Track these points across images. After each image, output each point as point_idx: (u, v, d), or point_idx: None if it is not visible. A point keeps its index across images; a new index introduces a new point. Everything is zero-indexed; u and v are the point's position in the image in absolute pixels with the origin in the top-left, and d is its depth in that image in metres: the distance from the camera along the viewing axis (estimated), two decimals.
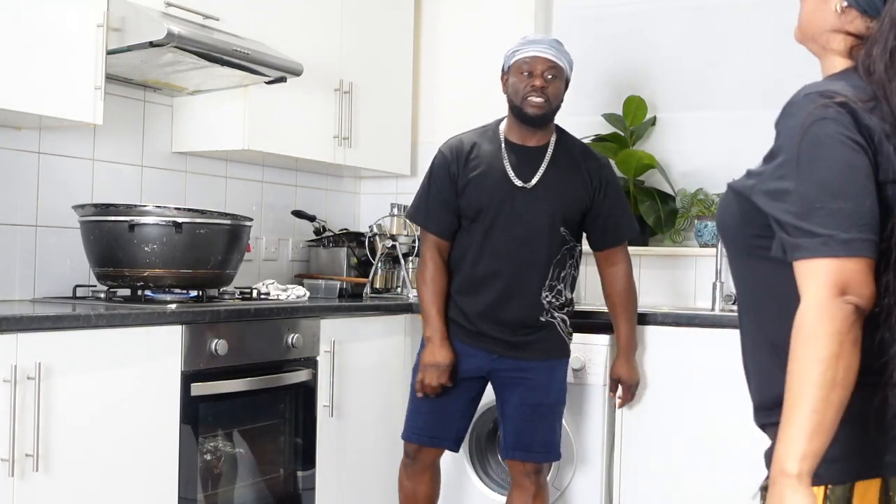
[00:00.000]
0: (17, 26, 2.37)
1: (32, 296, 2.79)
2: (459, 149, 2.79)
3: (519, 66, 2.70)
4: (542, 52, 2.69)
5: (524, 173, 2.73)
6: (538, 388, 2.75)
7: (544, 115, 2.71)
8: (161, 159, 3.23)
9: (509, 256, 2.72)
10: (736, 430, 2.96)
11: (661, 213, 3.71)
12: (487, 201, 2.72)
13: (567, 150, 2.80)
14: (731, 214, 1.42)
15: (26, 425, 2.08)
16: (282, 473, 2.90)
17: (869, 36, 1.38)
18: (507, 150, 2.76)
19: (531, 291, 2.73)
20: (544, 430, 2.76)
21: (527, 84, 2.68)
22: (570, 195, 2.74)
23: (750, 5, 3.68)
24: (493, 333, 2.75)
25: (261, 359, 2.76)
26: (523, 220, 2.71)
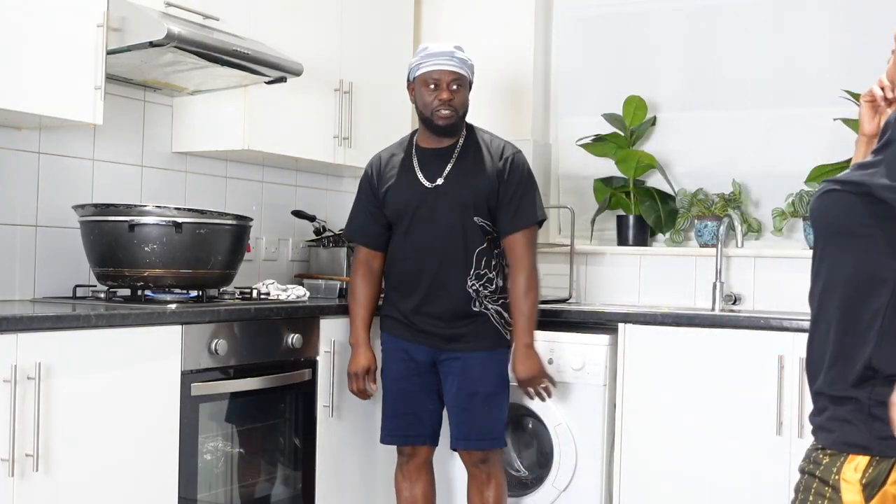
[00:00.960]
0: (18, 26, 2.37)
1: (32, 296, 2.79)
2: (378, 163, 2.98)
3: (425, 80, 2.84)
4: (445, 65, 2.82)
5: (432, 174, 2.88)
6: (474, 377, 2.83)
7: (454, 124, 2.86)
8: (161, 159, 3.23)
9: (430, 252, 2.84)
10: (736, 430, 2.96)
11: (661, 213, 3.71)
12: (403, 205, 2.87)
13: (474, 146, 2.91)
14: (834, 204, 1.50)
15: (26, 425, 2.08)
16: (282, 473, 2.90)
17: None
18: (418, 155, 2.92)
19: (457, 282, 2.83)
20: (483, 419, 2.84)
21: (434, 97, 2.82)
22: (477, 186, 2.84)
23: (750, 5, 3.68)
24: (428, 328, 2.86)
25: (261, 359, 2.76)
26: (437, 217, 2.84)
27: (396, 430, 2.93)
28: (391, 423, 2.94)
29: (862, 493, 1.42)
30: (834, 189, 1.51)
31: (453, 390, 2.85)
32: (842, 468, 1.45)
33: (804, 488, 1.52)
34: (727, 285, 3.56)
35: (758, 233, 3.64)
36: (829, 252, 1.53)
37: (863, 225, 1.46)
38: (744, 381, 2.95)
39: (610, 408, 3.15)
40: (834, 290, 1.51)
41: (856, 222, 1.47)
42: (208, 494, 2.63)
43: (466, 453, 2.91)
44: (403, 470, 2.97)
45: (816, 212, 1.56)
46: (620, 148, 3.75)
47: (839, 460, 1.46)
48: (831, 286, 1.52)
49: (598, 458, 3.13)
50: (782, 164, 3.64)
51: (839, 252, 1.51)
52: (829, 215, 1.52)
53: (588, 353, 3.14)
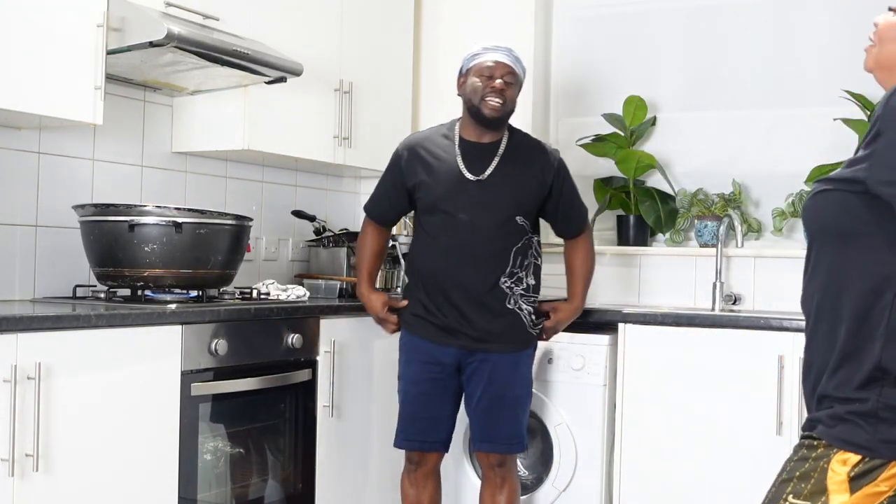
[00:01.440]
0: (18, 26, 2.37)
1: (32, 296, 2.79)
2: (413, 148, 2.93)
3: (479, 69, 2.83)
4: (503, 57, 2.82)
5: (476, 168, 2.85)
6: (501, 380, 2.81)
7: (500, 116, 2.84)
8: (161, 159, 3.23)
9: (466, 246, 2.80)
10: (736, 430, 2.96)
11: (661, 213, 3.71)
12: (442, 194, 2.84)
13: (519, 146, 2.92)
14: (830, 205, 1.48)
15: (26, 425, 2.08)
16: (282, 473, 2.90)
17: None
18: (461, 146, 2.88)
19: (492, 279, 2.80)
20: (508, 422, 2.82)
21: (486, 86, 2.80)
22: (522, 187, 2.84)
23: (750, 6, 3.68)
24: (457, 325, 2.80)
25: (261, 359, 2.76)
26: (478, 212, 2.81)
27: (413, 435, 2.87)
28: (408, 427, 2.87)
29: (848, 483, 1.43)
30: (827, 189, 1.50)
31: (478, 392, 2.81)
32: (832, 459, 1.46)
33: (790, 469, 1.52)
34: (727, 285, 3.56)
35: (758, 233, 3.64)
36: (825, 254, 1.52)
37: (860, 224, 1.45)
38: (744, 381, 2.95)
39: (610, 408, 3.15)
40: (835, 292, 1.50)
41: (853, 222, 1.46)
42: (208, 494, 2.63)
43: (485, 455, 2.88)
44: (411, 476, 2.92)
45: (810, 212, 1.54)
46: (620, 148, 3.75)
47: (831, 452, 1.47)
48: (832, 288, 1.51)
49: (598, 458, 3.13)
50: (782, 164, 3.64)
51: (837, 253, 1.49)
52: (825, 216, 1.51)
53: (588, 353, 3.14)
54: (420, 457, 2.89)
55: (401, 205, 2.97)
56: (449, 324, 2.81)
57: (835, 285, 1.50)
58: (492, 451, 2.85)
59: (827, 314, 1.52)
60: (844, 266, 1.48)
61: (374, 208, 3.03)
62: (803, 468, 1.50)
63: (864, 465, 1.42)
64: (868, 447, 1.42)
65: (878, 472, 1.42)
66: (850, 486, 1.42)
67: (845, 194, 1.46)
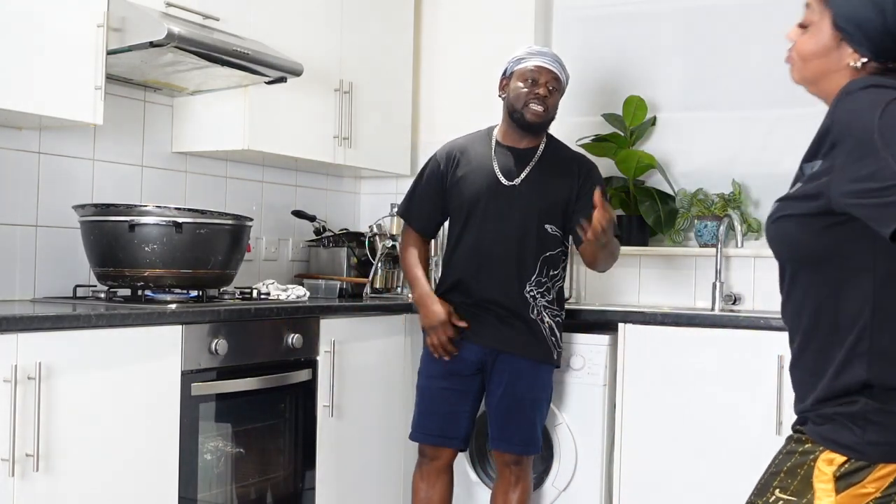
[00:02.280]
0: (18, 26, 2.37)
1: (32, 296, 2.79)
2: (451, 152, 2.96)
3: (524, 74, 2.82)
4: (548, 63, 2.82)
5: (511, 173, 2.86)
6: (522, 382, 2.83)
7: (542, 122, 2.85)
8: (161, 159, 3.23)
9: (495, 250, 2.82)
10: (736, 430, 2.96)
11: (661, 213, 3.71)
12: (474, 198, 2.85)
13: (556, 154, 2.92)
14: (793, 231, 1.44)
15: (26, 425, 2.08)
16: (282, 473, 2.90)
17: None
18: (497, 151, 2.90)
19: (516, 286, 2.81)
20: (524, 424, 2.84)
21: (530, 91, 2.80)
22: (555, 194, 2.84)
23: (749, 5, 3.68)
24: (483, 327, 2.83)
25: (261, 359, 2.76)
26: (509, 217, 2.82)
27: (430, 430, 2.90)
28: (425, 420, 2.90)
29: (834, 483, 1.41)
30: (787, 214, 1.46)
31: (499, 392, 2.84)
32: (818, 456, 1.44)
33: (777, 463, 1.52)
34: (727, 285, 3.56)
35: (758, 233, 3.64)
36: (800, 276, 1.49)
37: (827, 248, 1.41)
38: (743, 381, 2.95)
39: (610, 408, 3.15)
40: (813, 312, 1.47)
41: (819, 246, 1.42)
42: (208, 494, 2.63)
43: (500, 454, 2.91)
44: (423, 471, 2.95)
45: (775, 241, 1.50)
46: (620, 148, 3.75)
47: (818, 450, 1.45)
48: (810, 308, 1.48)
49: (598, 458, 3.13)
50: (782, 164, 3.63)
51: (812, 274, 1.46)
52: (790, 242, 1.47)
53: (588, 353, 3.14)
54: (434, 451, 2.92)
55: (441, 208, 2.95)
56: (476, 323, 2.84)
57: (812, 305, 1.47)
58: (507, 450, 2.87)
59: (809, 332, 1.50)
60: (820, 288, 1.45)
61: (417, 214, 2.98)
62: (790, 462, 1.50)
63: (849, 466, 1.41)
64: (855, 449, 1.40)
65: (864, 472, 1.40)
66: (835, 486, 1.41)
67: (805, 218, 1.42)
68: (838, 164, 1.33)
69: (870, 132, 1.27)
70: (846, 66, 1.43)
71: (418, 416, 2.93)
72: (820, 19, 1.47)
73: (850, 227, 1.36)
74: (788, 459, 1.51)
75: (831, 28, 1.45)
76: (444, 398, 2.88)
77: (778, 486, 1.52)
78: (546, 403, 2.91)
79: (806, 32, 1.51)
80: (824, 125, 1.39)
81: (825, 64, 1.47)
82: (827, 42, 1.46)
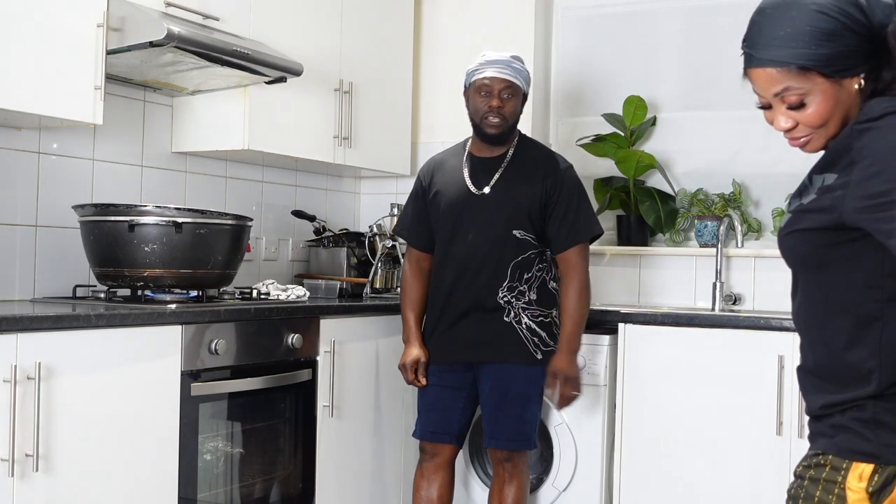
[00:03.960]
0: (17, 26, 2.37)
1: (32, 296, 2.79)
2: (429, 168, 3.04)
3: (478, 86, 2.87)
4: (498, 72, 2.84)
5: (480, 181, 2.90)
6: (508, 381, 2.86)
7: (501, 133, 2.88)
8: (161, 159, 3.23)
9: (470, 259, 2.87)
10: (736, 430, 2.96)
11: (661, 213, 3.71)
12: (449, 210, 2.91)
13: (526, 158, 2.93)
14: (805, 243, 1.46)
15: (26, 425, 2.08)
16: (282, 473, 2.90)
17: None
18: (468, 162, 2.95)
19: (490, 292, 2.85)
20: (513, 420, 2.87)
21: (485, 104, 2.84)
22: (523, 199, 2.85)
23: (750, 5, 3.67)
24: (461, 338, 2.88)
25: (261, 359, 2.76)
26: (480, 225, 2.87)
27: (428, 427, 2.95)
28: (422, 417, 2.97)
29: (869, 501, 1.39)
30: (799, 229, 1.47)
31: (487, 390, 2.88)
32: (847, 477, 1.41)
33: (805, 496, 1.46)
34: (727, 285, 3.56)
35: (758, 233, 3.64)
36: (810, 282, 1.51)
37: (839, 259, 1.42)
38: (744, 381, 2.95)
39: (610, 408, 3.15)
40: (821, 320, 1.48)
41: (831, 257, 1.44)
42: (208, 494, 2.63)
43: (494, 451, 2.94)
44: (423, 468, 2.98)
45: (787, 252, 1.53)
46: (620, 148, 3.75)
47: (842, 468, 1.42)
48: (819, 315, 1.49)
49: (598, 458, 3.13)
50: (782, 164, 3.63)
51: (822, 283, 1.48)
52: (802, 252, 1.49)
53: (588, 353, 3.14)
54: (432, 448, 2.96)
55: (428, 218, 3.00)
56: (453, 339, 2.90)
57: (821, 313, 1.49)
58: (498, 446, 2.91)
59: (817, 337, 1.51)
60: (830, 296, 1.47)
61: (413, 232, 3.04)
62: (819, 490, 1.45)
63: (880, 477, 1.39)
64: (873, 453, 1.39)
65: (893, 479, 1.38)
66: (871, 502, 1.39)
67: (818, 231, 1.43)
68: (854, 179, 1.34)
69: (889, 152, 1.30)
70: (856, 93, 1.42)
71: (418, 413, 3.00)
72: (810, 85, 1.44)
73: (862, 243, 1.38)
74: (816, 487, 1.46)
75: (824, 79, 1.42)
76: (436, 394, 2.94)
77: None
78: (536, 399, 2.91)
79: (804, 107, 1.48)
80: (843, 143, 1.39)
81: (842, 109, 1.44)
82: (830, 92, 1.43)
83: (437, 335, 2.95)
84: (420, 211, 3.02)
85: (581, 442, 3.14)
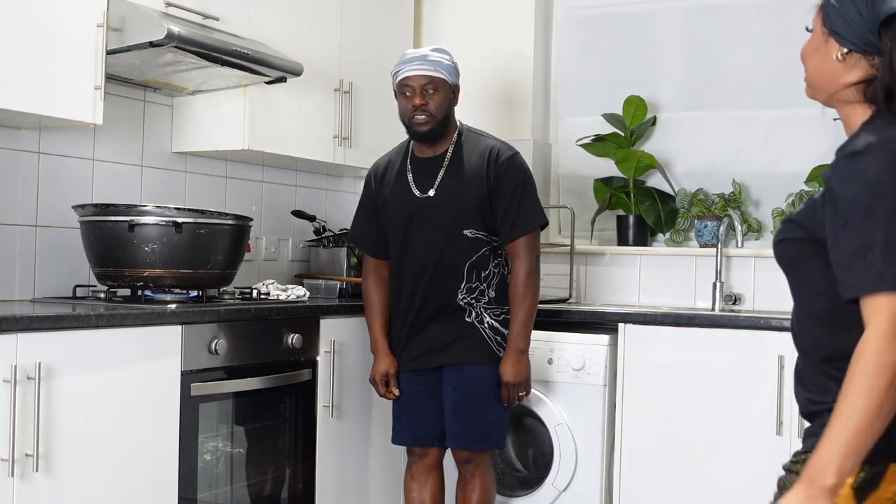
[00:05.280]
0: (17, 26, 2.37)
1: (32, 296, 2.79)
2: (376, 170, 2.98)
3: (401, 88, 2.83)
4: (415, 69, 2.77)
5: (424, 184, 2.86)
6: (469, 382, 2.81)
7: (431, 130, 2.81)
8: (161, 159, 3.23)
9: (423, 264, 2.83)
10: (736, 430, 2.96)
11: (661, 213, 3.71)
12: (396, 215, 2.87)
13: (467, 154, 2.86)
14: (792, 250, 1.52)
15: (26, 425, 2.08)
16: (282, 473, 2.90)
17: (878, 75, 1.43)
18: (411, 164, 2.91)
19: (449, 295, 2.82)
20: (473, 421, 2.83)
21: (408, 104, 2.80)
22: (467, 198, 2.80)
23: (750, 5, 3.68)
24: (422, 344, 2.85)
25: (261, 359, 2.76)
26: (428, 229, 2.82)
27: (404, 431, 2.93)
28: (398, 423, 2.95)
29: (854, 497, 1.40)
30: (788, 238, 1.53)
31: (448, 391, 2.85)
32: None
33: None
34: (727, 285, 3.56)
35: (758, 233, 3.64)
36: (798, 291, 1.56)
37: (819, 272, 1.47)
38: (744, 381, 2.95)
39: (610, 408, 3.15)
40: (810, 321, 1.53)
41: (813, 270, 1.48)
42: (208, 494, 2.63)
43: (455, 452, 2.91)
44: (412, 470, 2.96)
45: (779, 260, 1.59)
46: (620, 148, 3.75)
47: None
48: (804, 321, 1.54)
49: (598, 458, 3.13)
50: (782, 164, 3.64)
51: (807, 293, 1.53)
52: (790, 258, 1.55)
53: (588, 353, 3.14)
54: (420, 450, 2.94)
55: (380, 224, 2.95)
56: (415, 343, 2.87)
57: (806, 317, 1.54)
58: (455, 447, 2.88)
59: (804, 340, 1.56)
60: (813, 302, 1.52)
61: (367, 241, 2.99)
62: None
63: (866, 475, 1.39)
64: None
65: (879, 477, 1.39)
66: (855, 499, 1.39)
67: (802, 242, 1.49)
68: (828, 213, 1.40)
69: (854, 206, 1.35)
70: (834, 60, 1.49)
71: (393, 419, 2.96)
72: (816, 21, 1.54)
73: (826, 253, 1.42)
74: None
75: (822, 26, 1.52)
76: (411, 399, 2.91)
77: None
78: (498, 399, 2.83)
79: (810, 33, 1.57)
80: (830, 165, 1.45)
81: (819, 60, 1.52)
82: (818, 38, 1.52)
83: (402, 343, 2.91)
84: (371, 218, 2.96)
85: (581, 442, 3.14)
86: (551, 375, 3.18)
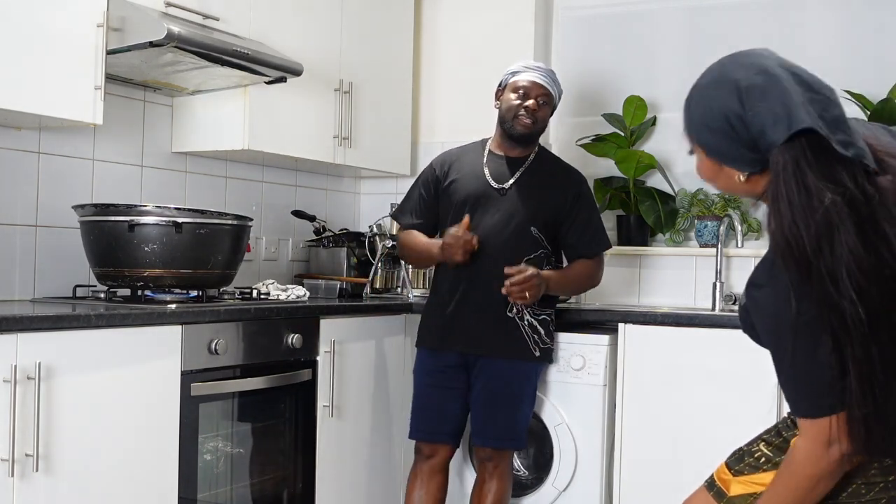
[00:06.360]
0: (18, 26, 2.37)
1: (32, 296, 2.79)
2: (445, 159, 3.09)
3: (516, 86, 2.93)
4: (539, 78, 2.94)
5: (501, 178, 2.96)
6: (500, 378, 2.88)
7: (530, 134, 2.94)
8: (161, 159, 3.23)
9: (480, 250, 2.87)
10: (736, 430, 2.96)
11: (661, 213, 3.71)
12: (464, 200, 2.94)
13: (545, 163, 3.02)
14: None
15: (26, 425, 2.08)
16: (282, 473, 2.90)
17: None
18: (489, 159, 3.01)
19: (497, 283, 2.83)
20: (501, 419, 2.88)
21: (520, 104, 2.91)
22: (542, 200, 2.93)
23: (750, 5, 3.68)
24: (460, 328, 2.89)
25: (261, 359, 2.76)
26: (496, 218, 2.90)
27: (421, 426, 2.97)
28: (417, 418, 2.98)
29: None
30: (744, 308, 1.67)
31: (478, 387, 2.89)
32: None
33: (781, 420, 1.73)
34: (727, 285, 3.55)
35: (758, 233, 3.64)
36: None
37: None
38: (744, 381, 2.95)
39: (610, 408, 3.15)
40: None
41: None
42: (208, 494, 2.63)
43: (479, 449, 2.95)
44: (417, 470, 2.99)
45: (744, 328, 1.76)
46: (620, 148, 3.75)
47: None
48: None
49: (598, 458, 3.13)
50: None
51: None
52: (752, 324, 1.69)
53: (588, 353, 3.14)
54: (429, 449, 2.96)
55: (434, 211, 3.03)
56: (453, 325, 2.91)
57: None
58: (483, 444, 2.92)
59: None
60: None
61: (409, 216, 3.07)
62: (780, 423, 1.78)
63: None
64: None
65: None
66: None
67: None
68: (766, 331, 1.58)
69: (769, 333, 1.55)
70: (738, 181, 1.53)
71: (412, 413, 3.01)
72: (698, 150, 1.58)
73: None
74: (780, 423, 1.81)
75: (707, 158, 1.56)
76: (429, 395, 2.95)
77: (764, 439, 1.84)
78: (528, 399, 2.93)
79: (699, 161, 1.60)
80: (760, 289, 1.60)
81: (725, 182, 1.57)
82: (712, 167, 1.56)
83: (436, 317, 2.96)
84: (427, 198, 3.05)
85: (581, 442, 3.13)
86: (551, 375, 3.18)
